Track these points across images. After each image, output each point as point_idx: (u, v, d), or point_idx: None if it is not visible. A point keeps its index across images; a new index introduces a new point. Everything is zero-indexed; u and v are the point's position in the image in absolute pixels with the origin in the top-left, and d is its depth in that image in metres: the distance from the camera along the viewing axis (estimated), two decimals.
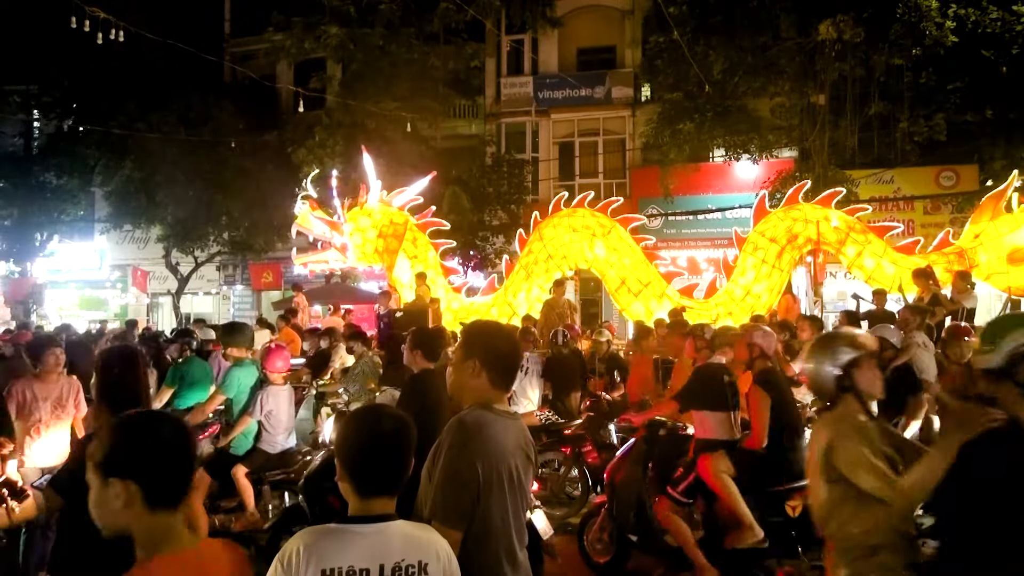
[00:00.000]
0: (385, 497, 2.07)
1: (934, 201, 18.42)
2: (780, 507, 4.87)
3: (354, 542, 1.97)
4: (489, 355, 2.57)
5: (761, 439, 4.93)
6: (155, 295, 25.16)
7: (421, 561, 2.01)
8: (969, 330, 6.16)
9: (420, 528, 2.15)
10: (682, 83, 17.52)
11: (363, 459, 2.07)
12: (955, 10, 14.66)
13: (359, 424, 2.14)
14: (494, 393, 2.58)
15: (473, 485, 2.41)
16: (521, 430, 2.64)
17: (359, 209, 12.47)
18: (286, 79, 22.38)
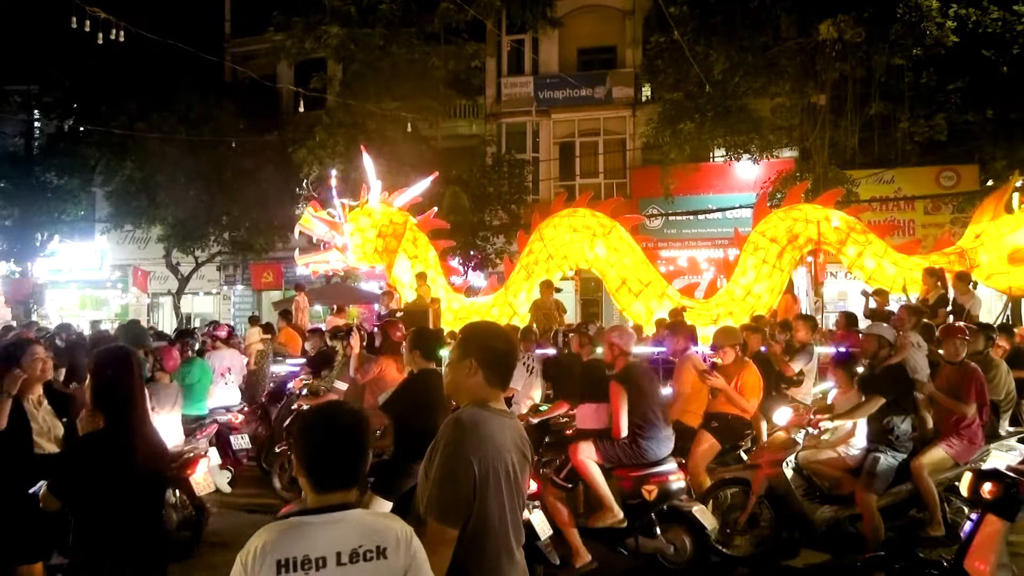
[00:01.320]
0: (342, 491, 2.11)
1: (935, 201, 18.42)
2: (638, 491, 5.33)
3: (310, 532, 2.02)
4: (486, 354, 2.59)
5: (620, 429, 5.41)
6: (156, 295, 25.15)
7: (379, 546, 2.05)
8: (964, 329, 6.15)
9: (379, 516, 2.20)
10: (683, 83, 17.51)
11: (318, 455, 2.12)
12: (956, 10, 14.65)
13: (314, 421, 2.18)
14: (490, 392, 2.60)
15: (469, 483, 2.42)
16: (517, 428, 2.65)
17: (359, 209, 12.47)
18: (287, 79, 22.38)
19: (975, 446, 5.67)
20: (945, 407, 5.72)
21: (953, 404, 5.65)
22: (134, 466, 3.07)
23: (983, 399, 5.74)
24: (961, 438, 5.63)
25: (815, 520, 5.61)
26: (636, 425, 5.45)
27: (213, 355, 8.42)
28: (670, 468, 5.46)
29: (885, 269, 11.10)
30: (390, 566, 2.04)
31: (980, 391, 5.70)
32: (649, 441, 5.45)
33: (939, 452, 5.60)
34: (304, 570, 1.96)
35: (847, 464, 5.73)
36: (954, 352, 5.84)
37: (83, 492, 3.02)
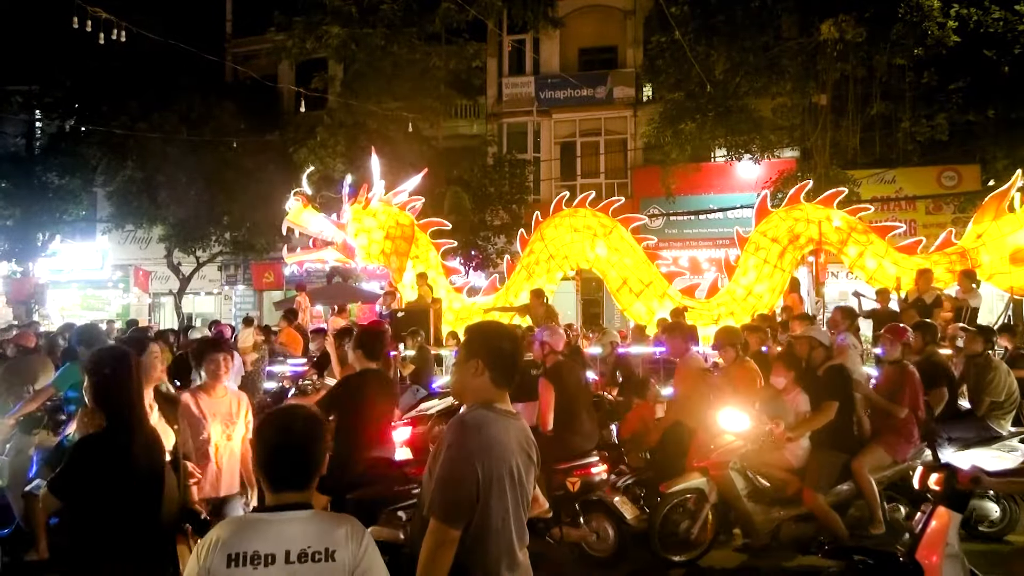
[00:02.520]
0: (296, 491, 2.17)
1: (936, 201, 18.39)
2: (563, 483, 5.56)
3: (261, 529, 2.09)
4: (492, 355, 2.59)
5: (547, 424, 5.62)
6: (157, 295, 25.18)
7: (328, 548, 2.09)
8: (904, 331, 6.26)
9: (332, 518, 2.24)
10: (684, 83, 17.51)
11: (273, 456, 2.18)
12: (957, 10, 14.66)
13: (270, 423, 2.25)
14: (496, 392, 2.59)
15: (472, 484, 2.41)
16: (522, 430, 2.64)
17: (363, 210, 12.42)
18: (288, 79, 22.38)
19: (911, 444, 5.81)
20: (882, 408, 5.85)
21: (887, 405, 5.81)
22: (135, 466, 3.07)
23: (917, 399, 5.88)
24: (898, 437, 5.76)
25: (760, 522, 5.58)
26: (562, 420, 5.67)
27: None
28: (593, 461, 5.72)
29: (886, 269, 11.10)
30: (337, 568, 2.08)
31: (914, 392, 5.86)
32: (574, 436, 5.74)
33: (878, 451, 5.69)
34: (253, 565, 2.02)
35: (791, 465, 5.69)
36: (890, 352, 6.05)
37: (84, 492, 3.01)
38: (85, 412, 3.25)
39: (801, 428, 5.68)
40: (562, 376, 5.88)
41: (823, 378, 5.81)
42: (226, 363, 4.70)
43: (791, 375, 5.96)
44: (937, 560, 3.53)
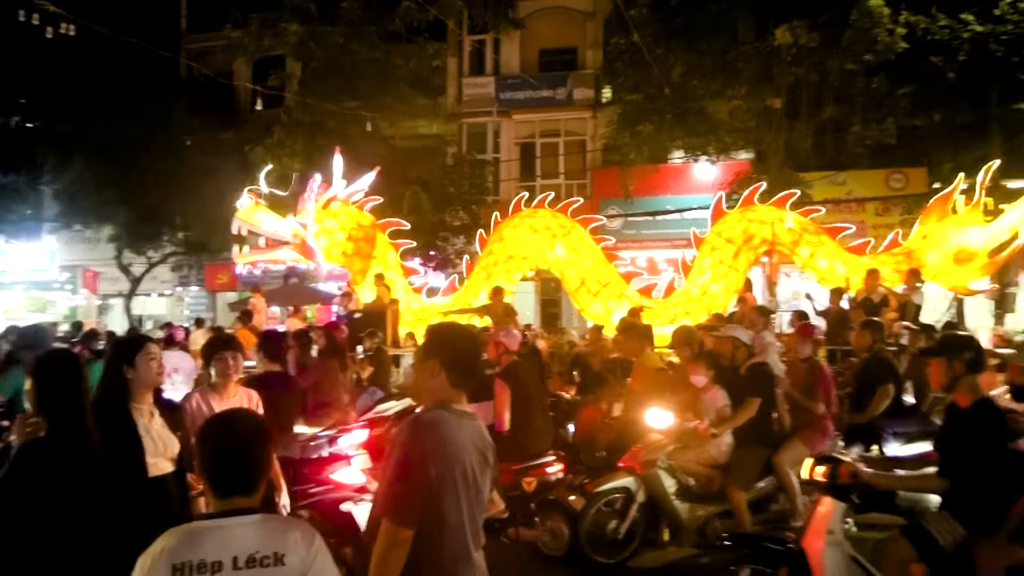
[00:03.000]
0: (241, 496, 2.12)
1: (884, 203, 18.88)
2: (518, 483, 5.57)
3: (207, 536, 2.03)
4: (449, 356, 2.60)
5: (503, 424, 5.64)
6: (106, 296, 24.55)
7: (277, 552, 2.05)
8: (813, 329, 6.64)
9: (281, 521, 2.24)
10: (642, 85, 17.71)
11: (219, 461, 2.14)
12: (905, 17, 15.07)
13: (213, 427, 2.20)
14: (453, 393, 2.59)
15: (424, 484, 2.40)
16: (478, 430, 2.64)
17: (323, 210, 12.21)
18: (244, 76, 22.01)
19: (827, 437, 6.03)
20: (799, 404, 6.07)
21: (805, 401, 6.02)
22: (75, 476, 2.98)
23: (830, 394, 6.15)
24: (815, 431, 5.96)
25: (686, 520, 5.65)
26: (518, 420, 5.69)
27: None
28: (548, 460, 5.76)
29: (836, 269, 11.36)
30: (287, 572, 2.05)
31: (827, 387, 6.11)
32: (529, 436, 5.77)
33: (797, 445, 5.84)
34: (199, 573, 1.97)
35: (716, 461, 5.79)
36: (801, 350, 6.31)
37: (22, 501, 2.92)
38: (23, 418, 3.14)
39: (725, 425, 5.77)
40: (518, 376, 5.90)
41: (746, 376, 5.90)
42: (236, 362, 4.45)
43: (711, 373, 6.07)
44: (820, 546, 3.73)
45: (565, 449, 6.77)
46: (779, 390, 6.09)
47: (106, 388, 3.45)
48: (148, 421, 3.45)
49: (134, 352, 3.45)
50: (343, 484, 5.08)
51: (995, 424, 3.76)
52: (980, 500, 3.64)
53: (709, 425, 5.74)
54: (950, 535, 3.64)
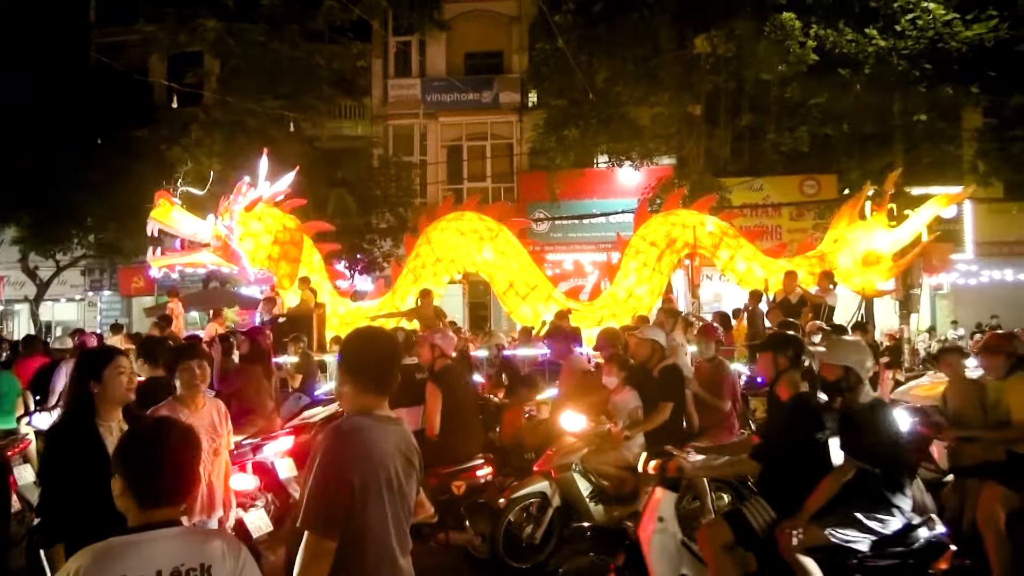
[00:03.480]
0: (167, 507, 2.06)
1: (799, 208, 19.70)
2: (447, 486, 5.55)
3: (128, 552, 1.95)
4: (356, 362, 2.57)
5: (434, 428, 5.64)
6: (10, 302, 23.23)
7: (203, 564, 1.99)
8: (715, 330, 6.93)
9: (205, 533, 2.15)
10: (567, 90, 17.94)
11: (147, 471, 2.05)
12: (816, 30, 15.73)
13: (143, 436, 2.12)
14: (367, 399, 2.54)
15: (346, 494, 2.37)
16: (403, 435, 2.61)
17: (247, 213, 11.81)
18: (159, 73, 21.26)
19: (733, 434, 6.28)
20: (707, 403, 6.31)
21: (713, 400, 6.27)
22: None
23: (735, 392, 6.43)
24: (722, 429, 6.20)
25: (601, 522, 5.66)
26: (448, 424, 5.67)
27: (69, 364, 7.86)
28: (478, 464, 5.75)
29: (754, 271, 11.77)
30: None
31: (732, 386, 6.37)
32: (459, 440, 5.75)
33: (706, 444, 5.98)
34: None
35: (629, 463, 5.80)
36: (705, 351, 6.57)
37: None
38: None
39: (637, 428, 5.80)
40: (449, 380, 5.87)
41: (658, 378, 5.95)
42: (202, 370, 4.21)
43: (622, 375, 6.18)
44: (649, 533, 4.04)
45: (495, 452, 6.78)
46: (688, 390, 6.22)
47: (70, 405, 3.23)
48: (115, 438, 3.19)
49: (102, 366, 3.19)
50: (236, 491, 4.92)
51: (807, 416, 4.04)
52: (789, 485, 3.94)
53: (622, 428, 5.77)
54: (763, 519, 3.92)
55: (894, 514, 3.84)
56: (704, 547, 4.02)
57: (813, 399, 4.17)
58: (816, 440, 3.97)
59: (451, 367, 6.10)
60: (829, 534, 3.76)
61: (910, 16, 15.78)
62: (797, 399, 4.15)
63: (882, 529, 3.81)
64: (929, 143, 17.90)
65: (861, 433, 3.89)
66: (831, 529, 3.76)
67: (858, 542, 3.79)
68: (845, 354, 4.13)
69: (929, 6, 15.70)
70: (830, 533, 3.76)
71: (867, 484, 3.82)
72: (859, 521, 3.79)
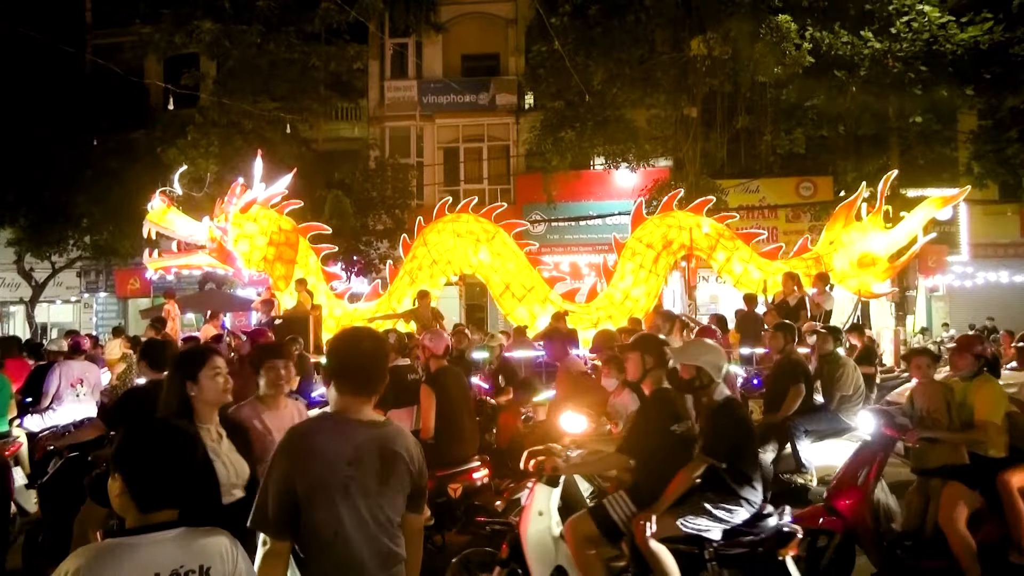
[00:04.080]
0: (167, 509, 2.05)
1: (795, 210, 19.76)
2: (444, 489, 5.56)
3: (128, 555, 1.94)
4: (336, 363, 2.55)
5: (428, 430, 5.64)
6: (5, 304, 23.19)
7: (203, 566, 1.99)
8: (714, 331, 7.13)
9: (204, 533, 2.12)
10: (564, 92, 17.97)
11: (151, 473, 2.04)
12: (811, 33, 15.78)
13: (146, 437, 2.11)
14: (346, 400, 2.49)
15: (287, 495, 2.35)
16: (376, 438, 2.46)
17: (242, 214, 11.84)
18: (155, 74, 21.22)
19: None
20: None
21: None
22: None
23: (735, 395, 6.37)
24: None
25: None
26: (444, 427, 5.67)
27: (63, 366, 7.88)
28: (474, 466, 5.76)
29: (751, 273, 11.80)
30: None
31: (732, 389, 6.34)
32: (455, 442, 5.75)
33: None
34: None
35: (629, 464, 5.87)
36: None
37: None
38: None
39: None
40: (444, 382, 5.87)
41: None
42: (287, 371, 3.99)
43: (622, 376, 6.19)
44: (526, 525, 4.20)
45: (491, 454, 6.78)
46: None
47: (168, 408, 3.11)
48: (217, 444, 3.09)
49: (198, 367, 3.09)
50: None
51: (664, 409, 4.26)
52: (650, 477, 4.15)
53: (622, 429, 5.79)
54: (624, 511, 4.09)
55: (742, 505, 4.05)
56: (568, 540, 4.13)
57: (672, 394, 4.38)
58: (672, 433, 4.16)
59: (447, 368, 6.08)
60: (680, 524, 3.97)
61: (905, 18, 15.84)
62: (657, 394, 4.39)
63: (731, 518, 4.03)
64: (924, 145, 18.01)
65: (712, 430, 4.12)
66: (682, 519, 3.98)
67: (709, 531, 4.01)
68: (696, 354, 4.34)
69: (924, 9, 15.76)
70: (681, 523, 3.98)
71: (717, 477, 4.05)
72: (708, 511, 4.00)
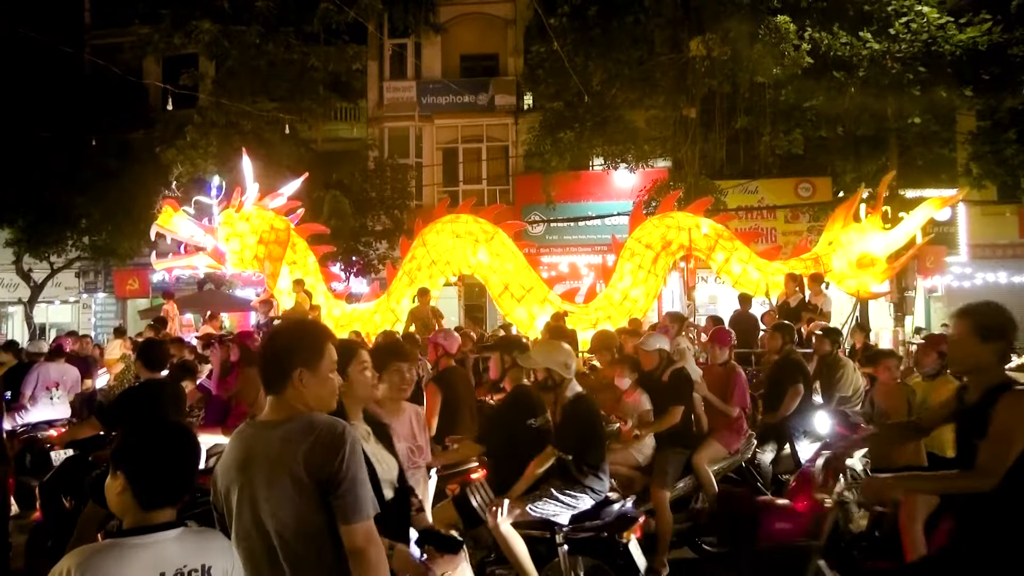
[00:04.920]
0: (169, 507, 2.05)
1: (793, 210, 19.76)
2: (442, 488, 5.57)
3: (131, 555, 1.94)
4: (257, 359, 2.54)
5: (431, 428, 5.63)
6: (4, 304, 23.17)
7: (204, 565, 2.01)
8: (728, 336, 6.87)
9: (204, 533, 2.14)
10: (563, 92, 17.95)
11: (154, 472, 2.04)
12: (810, 33, 15.77)
13: (148, 437, 2.11)
14: (265, 400, 2.35)
15: (216, 497, 2.33)
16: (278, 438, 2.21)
17: (236, 214, 11.92)
18: (154, 75, 21.21)
19: (742, 436, 6.36)
20: (716, 407, 6.33)
21: (722, 405, 6.29)
22: None
23: (745, 397, 6.46)
24: (731, 431, 6.25)
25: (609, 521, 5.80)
26: (445, 426, 5.72)
27: (40, 368, 7.98)
28: (473, 466, 5.70)
29: (749, 274, 11.79)
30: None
31: (742, 390, 6.41)
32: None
33: (714, 445, 6.11)
34: None
35: (638, 462, 5.93)
36: (719, 355, 6.62)
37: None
38: None
39: (648, 429, 5.92)
40: (452, 381, 5.91)
41: (669, 382, 6.07)
42: (411, 374, 3.79)
43: (635, 376, 6.25)
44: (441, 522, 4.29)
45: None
46: (696, 394, 6.27)
47: None
48: (369, 443, 2.92)
49: (346, 362, 2.82)
50: None
51: (521, 404, 4.61)
52: (508, 467, 4.47)
53: (632, 427, 5.86)
54: (483, 499, 4.41)
55: (587, 492, 4.43)
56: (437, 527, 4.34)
57: (529, 390, 4.67)
58: (529, 427, 4.50)
59: (455, 368, 6.13)
60: (530, 509, 4.33)
61: (904, 19, 15.83)
62: (516, 390, 4.72)
63: (576, 504, 4.41)
64: (923, 146, 18.00)
65: (561, 423, 4.45)
66: (531, 505, 4.34)
67: (557, 515, 4.38)
68: (544, 357, 4.54)
69: (923, 9, 15.75)
70: (531, 508, 4.34)
71: (565, 467, 4.42)
72: (556, 497, 4.38)
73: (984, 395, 2.90)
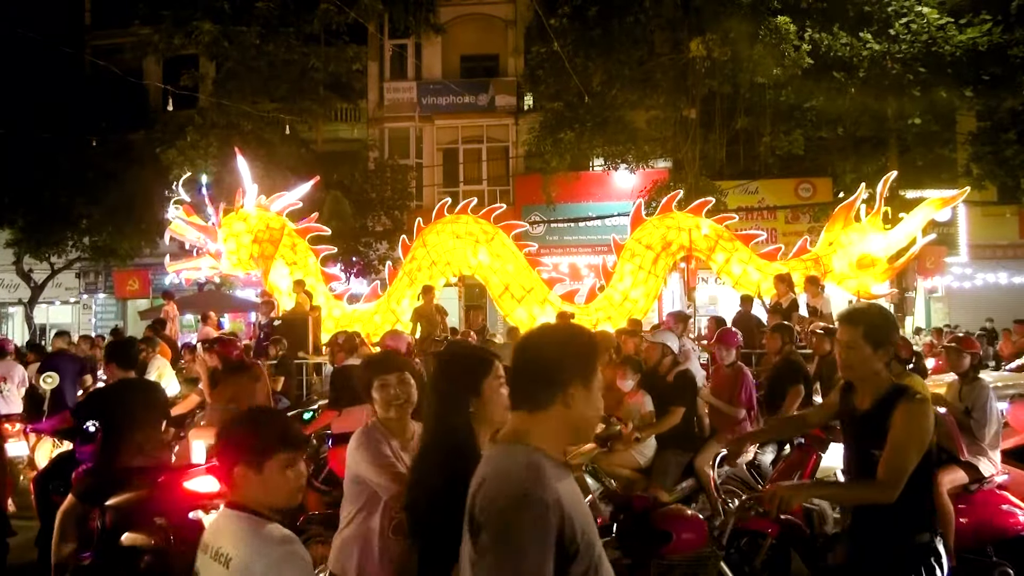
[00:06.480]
0: None
1: (794, 211, 19.76)
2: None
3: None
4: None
5: None
6: (4, 305, 23.16)
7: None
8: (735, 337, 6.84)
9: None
10: (563, 93, 17.96)
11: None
12: (811, 34, 15.77)
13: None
14: None
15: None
16: None
17: (234, 214, 12.01)
18: (154, 75, 21.21)
19: None
20: (721, 409, 6.30)
21: (727, 408, 6.26)
22: None
23: (751, 399, 6.42)
24: (734, 433, 6.11)
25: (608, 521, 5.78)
26: None
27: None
28: None
29: (749, 274, 11.79)
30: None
31: (749, 392, 6.38)
32: None
33: (716, 448, 6.02)
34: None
35: (639, 464, 5.91)
36: (726, 356, 6.56)
37: None
38: None
39: (649, 430, 5.89)
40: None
41: (672, 383, 6.04)
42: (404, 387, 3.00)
43: (637, 378, 6.22)
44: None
45: None
46: (699, 396, 6.25)
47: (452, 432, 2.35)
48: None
49: (481, 376, 2.37)
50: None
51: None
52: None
53: (633, 429, 5.84)
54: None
55: None
56: None
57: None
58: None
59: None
60: None
61: (904, 20, 15.84)
62: None
63: None
64: (923, 146, 18.00)
65: None
66: None
67: None
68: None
69: (923, 10, 15.76)
70: None
71: None
72: None
73: (878, 403, 2.83)
